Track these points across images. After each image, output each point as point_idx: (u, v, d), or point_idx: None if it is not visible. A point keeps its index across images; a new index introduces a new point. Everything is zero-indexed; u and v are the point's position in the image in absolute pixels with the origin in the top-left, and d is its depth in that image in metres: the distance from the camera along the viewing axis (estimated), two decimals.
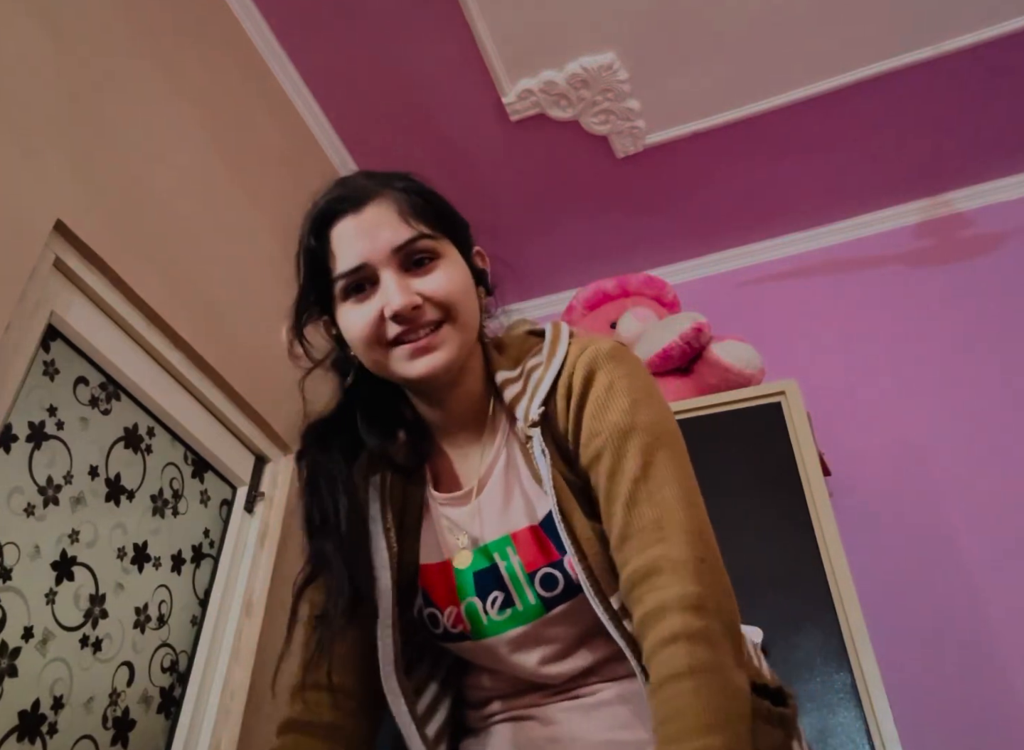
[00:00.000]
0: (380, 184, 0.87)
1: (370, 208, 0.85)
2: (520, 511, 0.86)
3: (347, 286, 0.85)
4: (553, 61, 2.26)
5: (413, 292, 0.82)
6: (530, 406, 0.85)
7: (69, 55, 1.51)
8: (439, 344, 0.83)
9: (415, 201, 0.87)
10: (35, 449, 1.35)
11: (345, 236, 0.85)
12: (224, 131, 1.99)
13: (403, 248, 0.84)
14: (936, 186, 2.59)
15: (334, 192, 0.89)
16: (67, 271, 1.42)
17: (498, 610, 0.84)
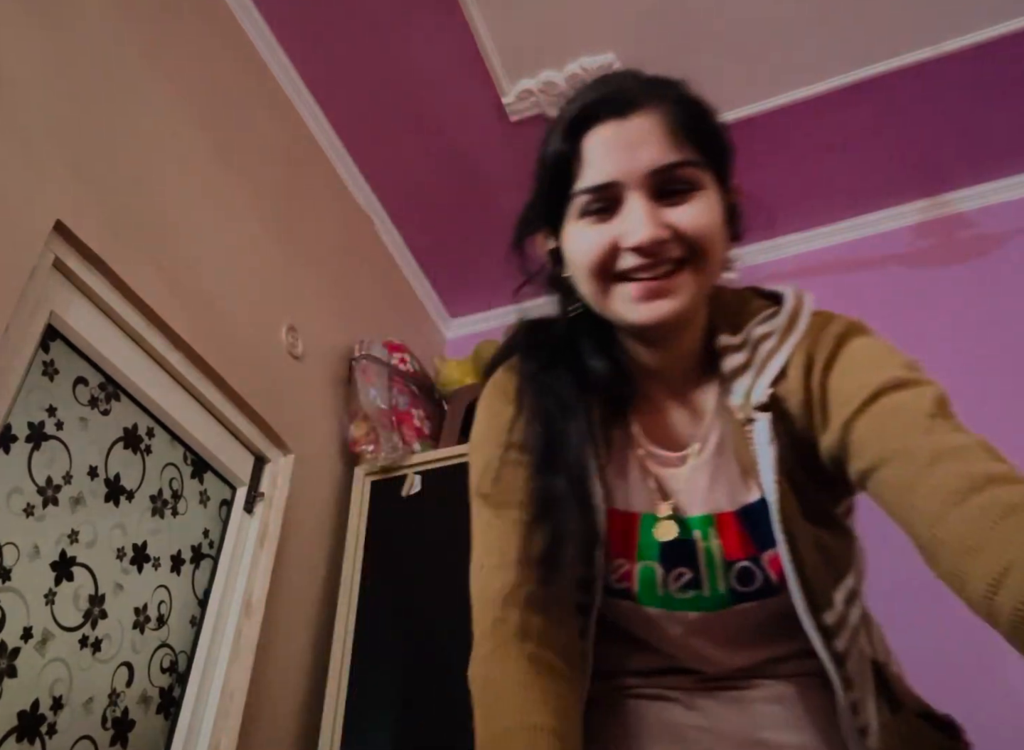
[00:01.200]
0: (652, 90, 0.75)
1: (636, 118, 0.73)
2: (724, 493, 0.78)
3: (587, 203, 0.74)
4: (553, 61, 2.26)
5: (663, 224, 0.71)
6: (755, 384, 0.76)
7: (69, 55, 1.51)
8: (674, 289, 0.72)
9: (688, 119, 0.74)
10: (34, 449, 1.35)
11: (600, 145, 0.73)
12: (224, 131, 1.99)
13: (663, 172, 0.71)
14: (936, 186, 2.58)
15: (598, 91, 0.76)
16: (67, 271, 1.42)
17: (680, 588, 0.76)
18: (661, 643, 0.80)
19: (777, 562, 0.74)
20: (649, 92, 0.74)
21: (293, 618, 1.89)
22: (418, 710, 1.79)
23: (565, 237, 0.77)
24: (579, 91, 0.79)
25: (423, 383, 2.44)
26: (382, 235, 2.77)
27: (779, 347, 0.77)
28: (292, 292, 2.16)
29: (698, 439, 0.81)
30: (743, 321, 0.81)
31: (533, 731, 0.63)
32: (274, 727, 1.75)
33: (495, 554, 0.76)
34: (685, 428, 0.82)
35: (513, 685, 0.67)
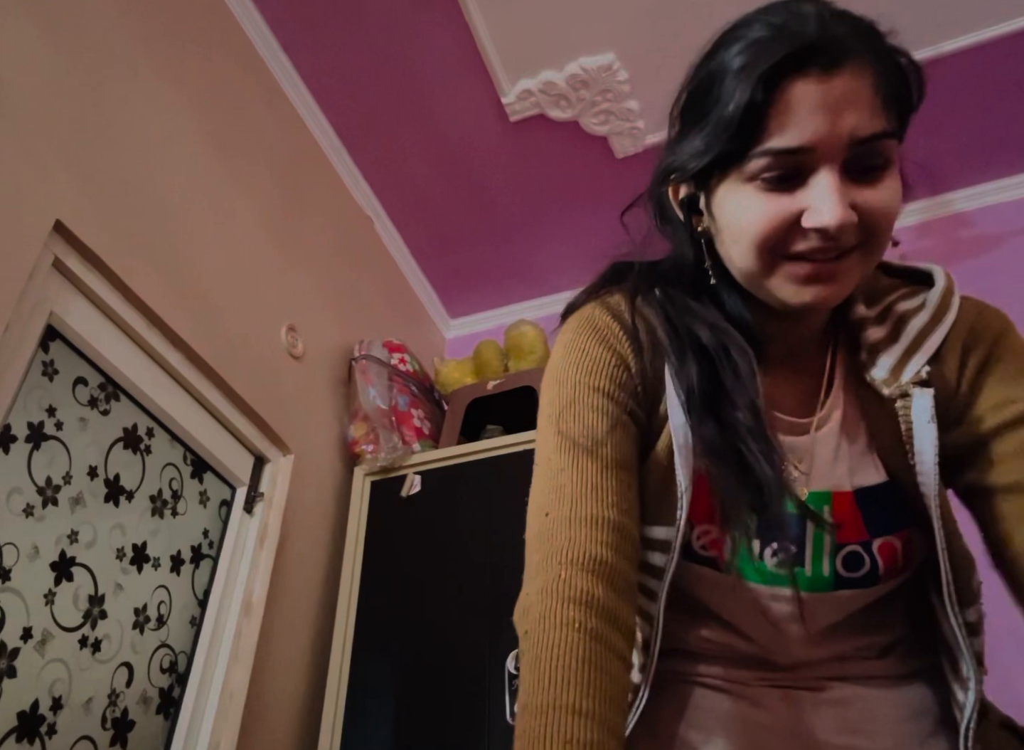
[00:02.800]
0: (863, 41, 0.65)
1: (844, 75, 0.62)
2: (844, 470, 0.73)
3: (767, 166, 0.64)
4: (553, 61, 2.26)
5: (851, 205, 0.63)
6: (909, 360, 0.71)
7: (69, 55, 1.51)
8: (842, 273, 0.66)
9: (894, 79, 0.65)
10: (34, 449, 1.35)
11: (796, 103, 0.62)
12: (223, 131, 1.99)
13: (865, 143, 0.62)
14: (936, 186, 2.58)
15: (804, 32, 0.63)
16: (66, 271, 1.42)
17: (778, 562, 0.72)
18: (738, 621, 0.75)
19: (888, 549, 0.70)
20: (859, 42, 0.64)
21: (293, 618, 1.89)
22: (417, 710, 1.79)
23: (724, 197, 0.68)
24: (770, 20, 0.67)
25: (423, 383, 2.44)
26: (382, 235, 2.77)
27: (935, 327, 0.72)
28: (292, 292, 2.16)
29: (823, 409, 0.75)
30: (879, 295, 0.76)
31: (582, 717, 0.57)
32: (274, 727, 1.75)
33: (567, 504, 0.67)
34: (806, 395, 0.76)
35: (570, 659, 0.59)
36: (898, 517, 0.72)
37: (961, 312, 0.74)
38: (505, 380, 2.34)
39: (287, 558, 1.89)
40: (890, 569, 0.71)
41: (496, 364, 2.50)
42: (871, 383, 0.72)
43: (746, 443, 0.68)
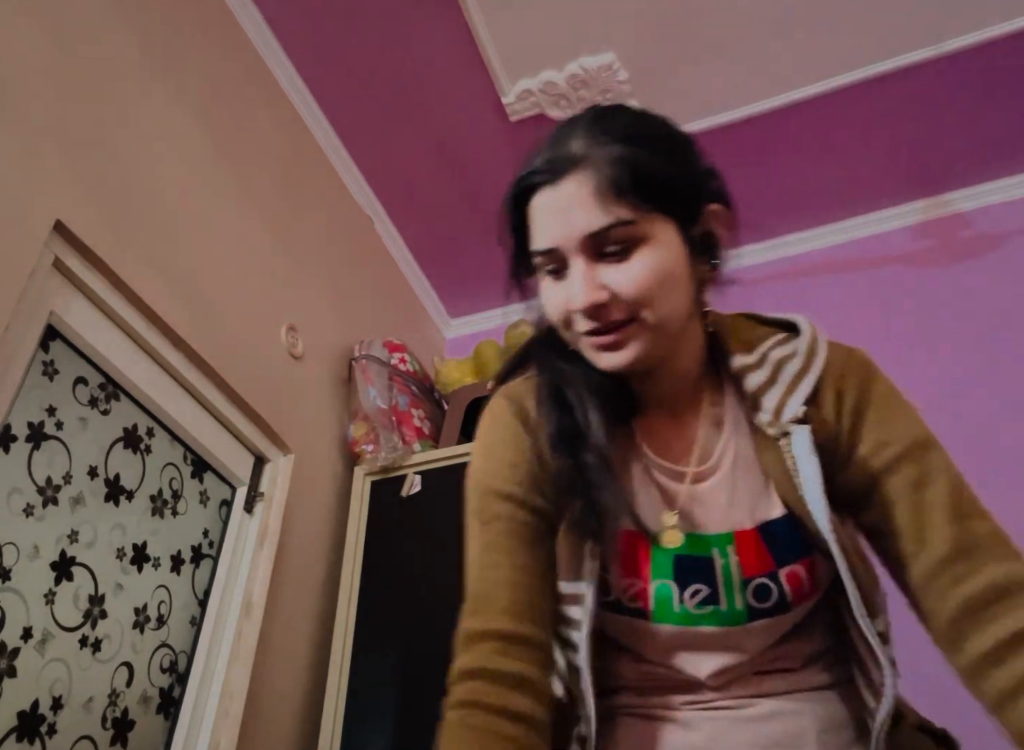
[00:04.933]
0: (588, 148, 0.74)
1: (567, 183, 0.73)
2: (744, 509, 0.78)
3: (542, 263, 0.77)
4: (553, 61, 2.26)
5: (599, 286, 0.72)
6: (787, 401, 0.78)
7: (69, 55, 1.51)
8: (624, 342, 0.74)
9: (623, 173, 0.72)
10: (34, 449, 1.35)
11: (539, 212, 0.76)
12: (223, 131, 1.99)
13: (595, 236, 0.72)
14: (936, 186, 2.59)
15: (537, 159, 0.77)
16: (66, 271, 1.42)
17: (697, 604, 0.77)
18: (668, 659, 0.79)
19: (794, 577, 0.76)
20: (584, 151, 0.74)
21: (293, 618, 1.89)
22: (417, 710, 1.79)
23: (539, 287, 0.80)
24: (528, 153, 0.79)
25: (423, 383, 2.44)
26: (382, 235, 2.77)
27: (807, 369, 0.79)
28: (292, 292, 2.16)
29: (712, 456, 0.82)
30: (755, 343, 0.83)
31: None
32: (274, 727, 1.75)
33: (474, 614, 0.77)
34: (691, 441, 0.83)
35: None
36: (801, 546, 0.77)
37: (830, 356, 0.81)
38: None
39: (287, 558, 1.89)
40: (798, 595, 0.76)
41: (496, 364, 2.50)
42: (759, 425, 0.79)
43: (588, 478, 0.76)
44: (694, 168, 0.79)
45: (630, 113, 0.80)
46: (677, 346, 0.81)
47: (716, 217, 0.79)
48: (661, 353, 0.78)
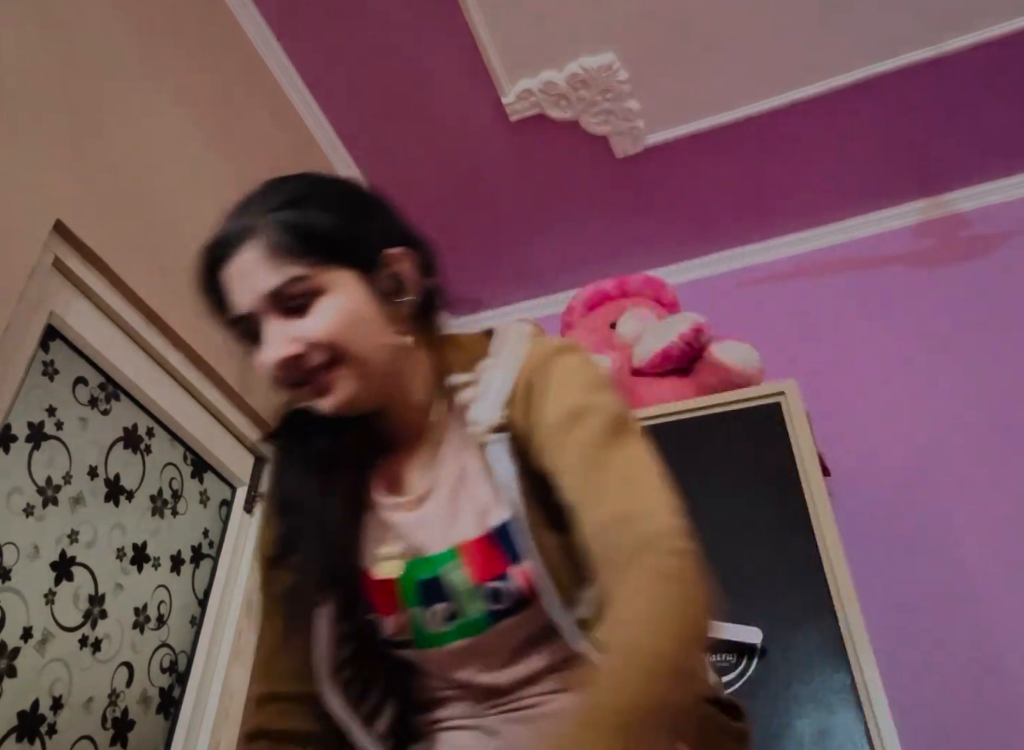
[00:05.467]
0: (252, 220, 0.81)
1: (240, 254, 0.80)
2: (470, 520, 0.83)
3: (240, 332, 0.82)
4: (553, 61, 2.26)
5: (291, 340, 0.78)
6: (486, 409, 0.82)
7: (69, 55, 1.51)
8: (333, 385, 0.79)
9: (288, 235, 0.79)
10: (34, 449, 1.35)
11: (226, 284, 0.82)
12: (223, 131, 1.99)
13: (274, 295, 0.78)
14: (936, 186, 2.58)
15: (210, 239, 0.85)
16: (66, 271, 1.42)
17: (442, 621, 0.83)
18: (451, 676, 0.85)
19: (526, 575, 0.79)
20: (249, 223, 0.80)
21: None
22: None
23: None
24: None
25: None
26: None
27: (500, 373, 0.84)
28: None
29: (430, 478, 0.87)
30: (478, 357, 0.87)
31: None
32: None
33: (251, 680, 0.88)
34: (420, 470, 0.88)
35: None
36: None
37: (529, 353, 0.84)
38: None
39: None
40: (533, 591, 0.79)
41: None
42: (474, 436, 0.83)
43: (300, 542, 0.85)
44: (366, 221, 0.85)
45: (300, 180, 0.87)
46: (400, 381, 0.86)
47: (397, 259, 0.85)
48: (379, 389, 0.83)
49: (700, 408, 1.77)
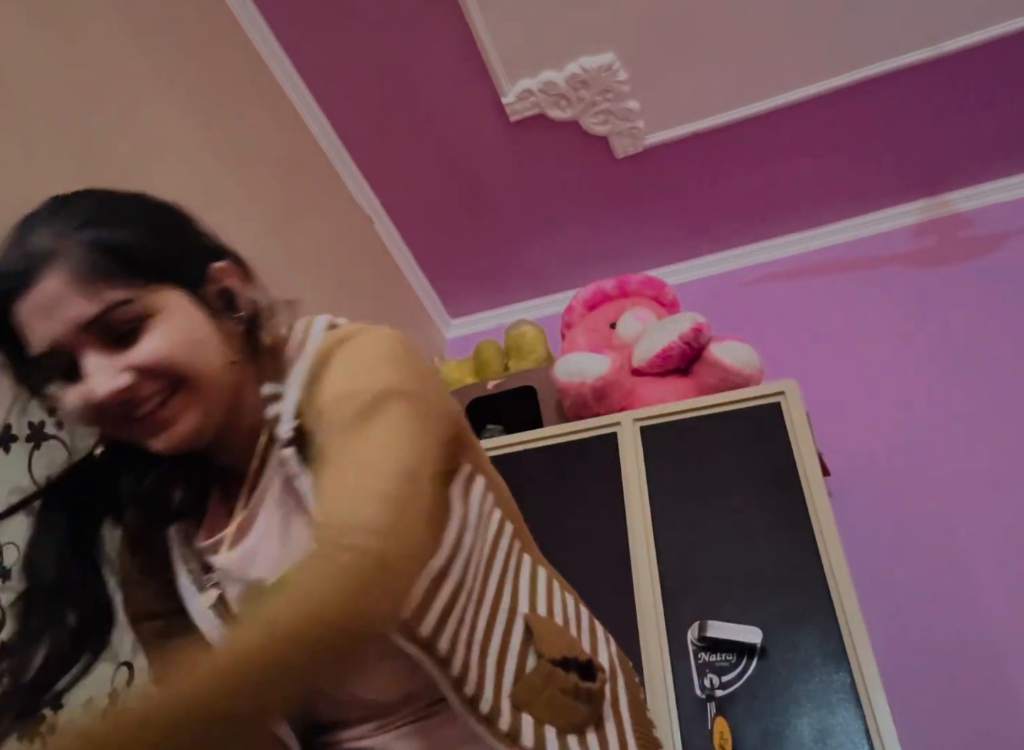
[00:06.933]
0: (52, 240, 0.69)
1: (39, 284, 0.68)
2: (303, 540, 0.75)
3: (44, 371, 0.71)
4: (553, 61, 2.26)
5: (120, 370, 0.68)
6: (283, 423, 0.74)
7: (69, 55, 1.51)
8: (174, 418, 0.71)
9: (100, 256, 0.69)
10: (35, 449, 1.35)
11: (24, 319, 0.69)
12: (223, 131, 1.99)
13: (93, 325, 0.68)
14: (936, 186, 2.59)
15: (2, 270, 0.70)
16: None
17: None
18: (333, 696, 0.83)
19: None
20: (49, 244, 0.69)
21: None
22: None
23: (54, 395, 0.73)
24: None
25: None
26: (382, 235, 2.77)
27: (295, 378, 0.75)
28: (292, 292, 2.16)
29: (252, 506, 0.78)
30: (285, 367, 0.78)
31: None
32: None
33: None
34: (243, 501, 0.79)
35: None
36: None
37: (316, 352, 0.76)
38: (505, 380, 2.34)
39: None
40: None
41: (496, 364, 2.50)
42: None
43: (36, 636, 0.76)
44: (181, 234, 0.78)
45: (94, 196, 0.79)
46: (234, 404, 0.76)
47: (225, 273, 0.78)
48: (219, 416, 0.74)
49: (700, 408, 1.77)
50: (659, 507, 1.63)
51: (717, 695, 1.38)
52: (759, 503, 1.58)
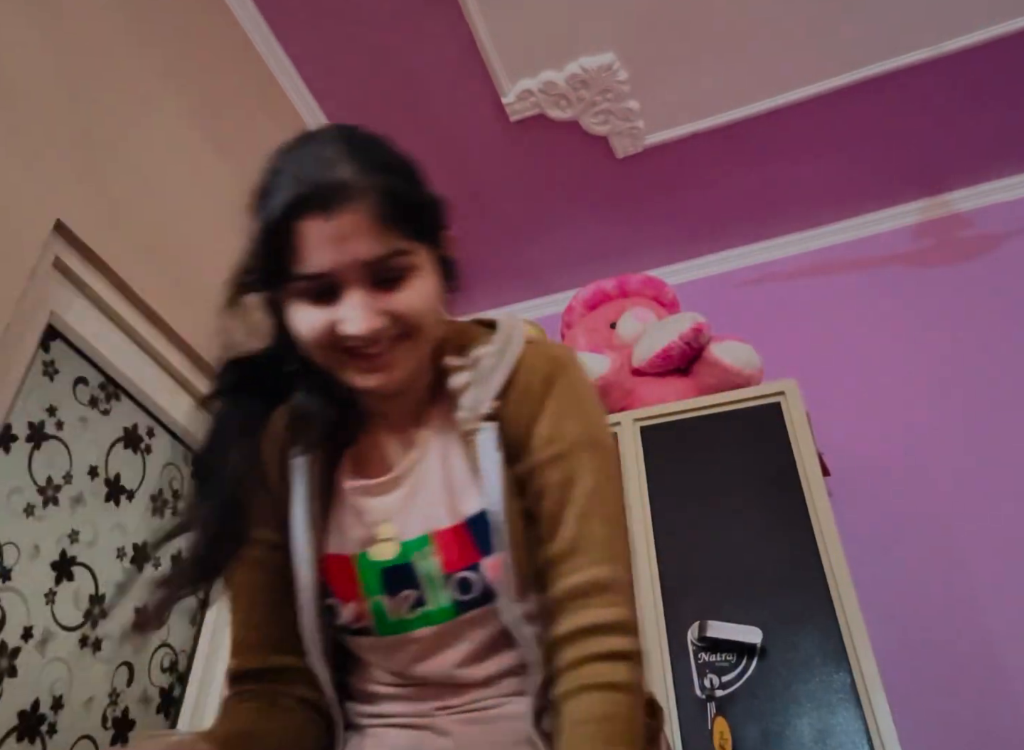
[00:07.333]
0: (356, 176, 0.74)
1: (342, 213, 0.73)
2: (445, 507, 0.82)
3: (304, 288, 0.75)
4: (553, 61, 2.26)
5: (379, 312, 0.74)
6: (480, 397, 0.81)
7: (69, 55, 1.51)
8: (395, 362, 0.77)
9: (395, 206, 0.75)
10: (35, 449, 1.35)
11: (311, 238, 0.73)
12: (223, 131, 1.99)
13: (374, 264, 0.74)
14: (936, 186, 2.58)
15: (309, 179, 0.74)
16: (67, 271, 1.42)
17: (408, 608, 0.81)
18: (406, 668, 0.83)
19: (495, 566, 0.79)
20: (355, 182, 0.74)
21: None
22: None
23: (289, 312, 0.78)
24: (283, 169, 0.77)
25: None
26: None
27: (498, 364, 0.83)
28: None
29: (408, 461, 0.85)
30: (468, 344, 0.86)
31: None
32: None
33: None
34: (400, 452, 0.86)
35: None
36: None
37: (525, 352, 0.84)
38: None
39: None
40: (501, 582, 0.79)
41: None
42: (458, 423, 0.83)
43: (199, 525, 0.79)
44: (433, 196, 0.83)
45: (380, 140, 0.83)
46: (423, 364, 0.84)
47: (451, 242, 0.84)
48: (419, 371, 0.82)
49: (700, 408, 1.77)
50: (659, 507, 1.63)
51: (717, 695, 1.38)
52: (759, 503, 1.58)
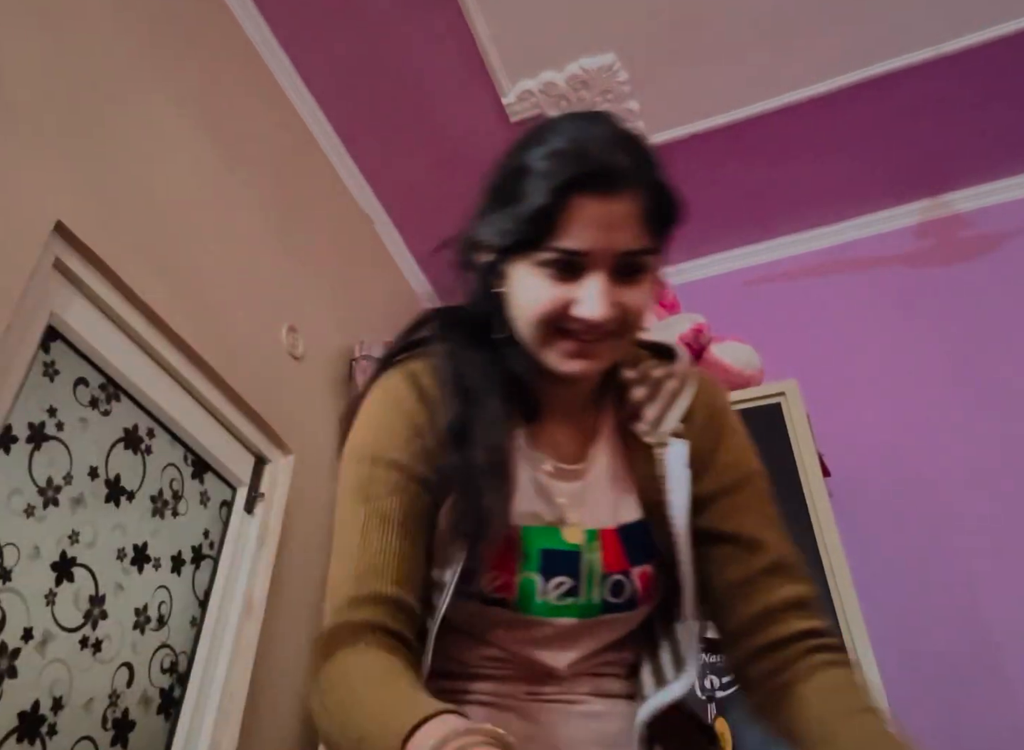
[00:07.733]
0: (638, 171, 0.76)
1: (619, 199, 0.74)
2: (608, 510, 0.85)
3: (555, 260, 0.76)
4: (553, 62, 2.26)
5: (613, 303, 0.76)
6: (666, 415, 0.87)
7: (69, 56, 1.51)
8: (600, 353, 0.80)
9: (659, 206, 0.78)
10: (35, 450, 1.35)
11: (581, 216, 0.74)
12: (224, 131, 1.99)
13: (628, 256, 0.76)
14: (936, 187, 2.59)
15: (593, 156, 0.75)
16: (67, 272, 1.42)
17: (559, 595, 0.81)
18: (524, 649, 0.83)
19: (644, 576, 0.83)
20: (636, 173, 0.76)
21: (293, 618, 1.89)
22: None
23: (517, 273, 0.80)
24: (571, 135, 0.78)
25: None
26: (382, 235, 2.77)
27: (682, 389, 0.88)
28: (292, 292, 2.16)
29: (591, 457, 0.88)
30: (637, 362, 0.91)
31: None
32: (274, 727, 1.75)
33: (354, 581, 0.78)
34: (576, 445, 0.89)
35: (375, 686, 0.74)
36: (651, 550, 0.85)
37: (701, 382, 0.90)
38: None
39: (287, 558, 1.89)
40: (646, 593, 0.83)
41: None
42: (636, 434, 0.87)
43: (475, 479, 0.78)
44: (683, 205, 0.83)
45: (642, 137, 0.83)
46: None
47: (661, 257, 0.85)
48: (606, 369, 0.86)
49: None
50: None
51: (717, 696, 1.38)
52: None
